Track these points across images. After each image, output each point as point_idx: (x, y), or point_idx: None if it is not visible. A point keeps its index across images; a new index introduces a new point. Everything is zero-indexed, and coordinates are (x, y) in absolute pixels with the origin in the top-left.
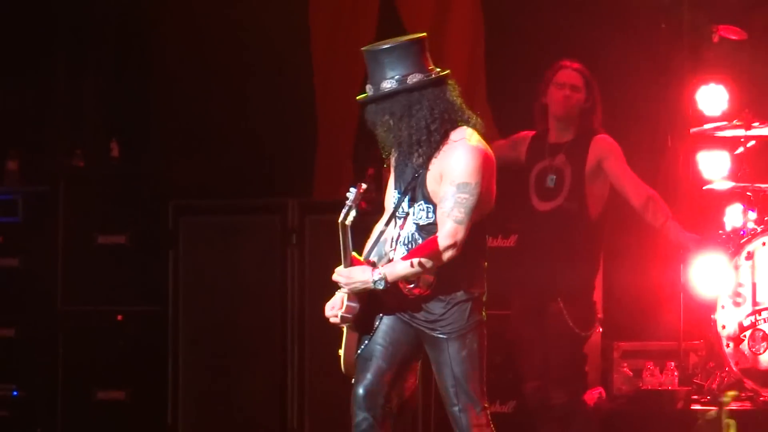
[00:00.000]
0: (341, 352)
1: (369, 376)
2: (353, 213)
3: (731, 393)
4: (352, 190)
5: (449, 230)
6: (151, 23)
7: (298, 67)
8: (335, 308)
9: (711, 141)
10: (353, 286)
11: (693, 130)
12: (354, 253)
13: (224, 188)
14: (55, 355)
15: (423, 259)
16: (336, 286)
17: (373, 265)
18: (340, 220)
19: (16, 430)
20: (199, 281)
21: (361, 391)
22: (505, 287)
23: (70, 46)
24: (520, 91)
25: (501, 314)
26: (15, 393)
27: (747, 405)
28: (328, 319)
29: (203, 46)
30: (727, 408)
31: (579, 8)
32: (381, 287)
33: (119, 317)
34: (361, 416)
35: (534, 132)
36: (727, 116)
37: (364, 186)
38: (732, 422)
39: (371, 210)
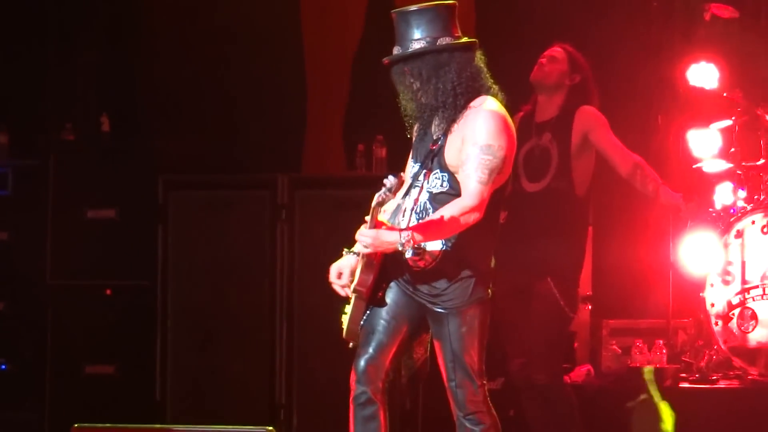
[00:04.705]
0: (344, 319)
1: (371, 350)
2: (388, 201)
3: (648, 369)
4: (391, 177)
5: (473, 191)
6: None
7: (288, 41)
8: (343, 276)
9: (701, 119)
10: (380, 245)
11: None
12: (379, 218)
13: (214, 163)
14: (43, 329)
15: (449, 220)
16: (329, 259)
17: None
18: (373, 205)
19: (4, 404)
20: (189, 256)
21: (362, 363)
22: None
23: (61, 20)
24: (510, 66)
25: (493, 292)
26: (3, 367)
27: (735, 383)
28: (330, 284)
29: (193, 21)
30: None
31: None
32: (409, 248)
33: (108, 291)
34: (360, 389)
35: (522, 113)
36: (717, 94)
37: (403, 175)
38: (665, 404)
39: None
